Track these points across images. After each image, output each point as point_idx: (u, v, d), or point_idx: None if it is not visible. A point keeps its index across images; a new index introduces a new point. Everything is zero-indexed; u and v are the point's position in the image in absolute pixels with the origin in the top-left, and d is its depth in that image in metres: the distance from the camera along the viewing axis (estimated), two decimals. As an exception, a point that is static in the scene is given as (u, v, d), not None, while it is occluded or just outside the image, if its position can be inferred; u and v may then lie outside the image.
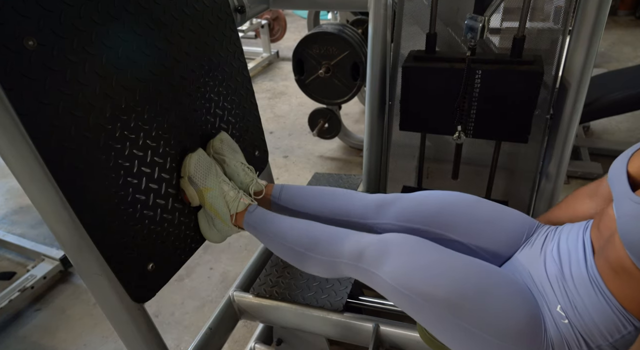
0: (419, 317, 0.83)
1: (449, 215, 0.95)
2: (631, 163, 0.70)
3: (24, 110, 0.68)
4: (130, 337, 0.95)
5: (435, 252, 0.84)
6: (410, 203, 0.98)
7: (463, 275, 0.80)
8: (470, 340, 0.77)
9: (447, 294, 0.77)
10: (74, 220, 0.77)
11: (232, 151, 1.11)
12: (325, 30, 1.91)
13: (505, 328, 0.75)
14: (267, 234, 0.99)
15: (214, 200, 1.01)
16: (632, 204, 0.64)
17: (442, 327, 0.80)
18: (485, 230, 0.92)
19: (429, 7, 1.35)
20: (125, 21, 0.85)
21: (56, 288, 1.88)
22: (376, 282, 0.85)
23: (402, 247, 0.85)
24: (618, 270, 0.67)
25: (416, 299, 0.79)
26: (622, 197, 0.66)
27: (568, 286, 0.74)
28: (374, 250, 0.86)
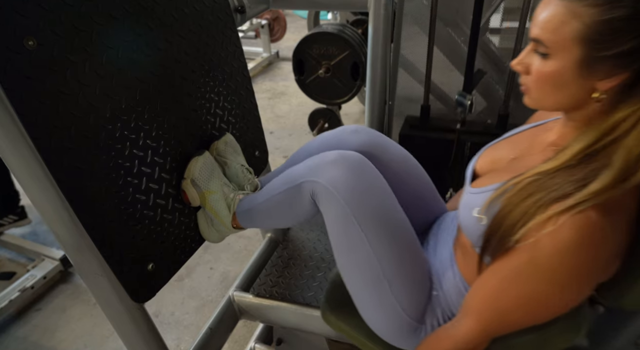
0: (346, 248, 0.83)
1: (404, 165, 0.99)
2: (478, 160, 0.86)
3: (24, 110, 0.68)
4: (130, 337, 0.95)
5: (390, 196, 0.85)
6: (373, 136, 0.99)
7: (404, 227, 0.85)
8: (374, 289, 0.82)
9: (387, 235, 0.81)
10: (74, 220, 0.77)
11: (234, 153, 1.11)
12: (325, 30, 1.91)
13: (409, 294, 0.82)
14: (254, 208, 0.98)
15: (215, 203, 1.01)
16: (466, 194, 0.78)
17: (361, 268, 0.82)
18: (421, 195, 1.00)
19: (429, 7, 1.35)
20: (125, 21, 0.85)
21: (56, 288, 1.88)
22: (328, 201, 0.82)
23: (363, 171, 0.83)
24: (464, 249, 0.80)
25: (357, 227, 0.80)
26: (465, 188, 0.81)
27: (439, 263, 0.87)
28: (335, 165, 0.83)
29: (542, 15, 0.60)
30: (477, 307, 0.70)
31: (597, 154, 0.60)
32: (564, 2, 0.57)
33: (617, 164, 0.57)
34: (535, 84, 0.65)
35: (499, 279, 0.66)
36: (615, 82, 0.58)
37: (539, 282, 0.62)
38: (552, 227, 0.58)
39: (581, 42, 0.57)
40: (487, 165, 0.84)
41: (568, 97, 0.63)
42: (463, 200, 0.78)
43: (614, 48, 0.55)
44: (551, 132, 0.73)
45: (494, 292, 0.67)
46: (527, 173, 0.64)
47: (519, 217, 0.62)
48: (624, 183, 0.57)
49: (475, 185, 0.78)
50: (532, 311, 0.66)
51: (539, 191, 0.61)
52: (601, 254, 0.60)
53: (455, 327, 0.74)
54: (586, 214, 0.57)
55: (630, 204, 0.62)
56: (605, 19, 0.54)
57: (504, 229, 0.63)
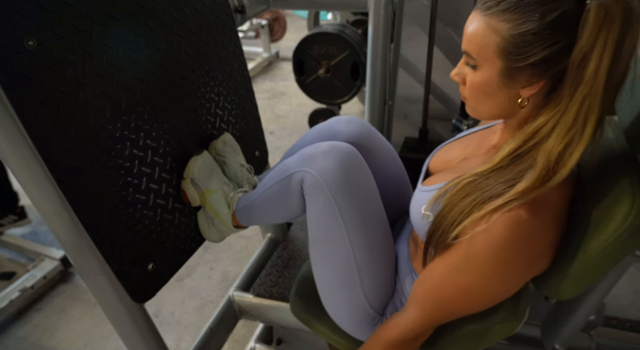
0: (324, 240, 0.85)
1: (389, 158, 1.02)
2: (432, 159, 0.91)
3: (24, 110, 0.68)
4: (130, 337, 0.95)
5: (375, 190, 0.87)
6: (365, 127, 1.01)
7: (383, 222, 0.87)
8: (343, 281, 0.85)
9: (366, 230, 0.83)
10: (74, 220, 0.77)
11: (233, 153, 1.11)
12: (325, 31, 1.91)
13: (377, 289, 0.86)
14: (252, 203, 0.98)
15: (215, 202, 1.01)
16: (416, 192, 0.83)
17: (336, 260, 0.84)
18: (397, 192, 1.03)
19: (429, 7, 1.35)
20: (125, 21, 0.85)
21: (56, 288, 1.88)
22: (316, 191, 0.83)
23: (354, 164, 0.84)
24: (415, 243, 0.86)
25: (339, 219, 0.82)
26: (417, 186, 0.86)
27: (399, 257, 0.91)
28: (325, 156, 0.83)
29: (469, 29, 0.65)
30: (421, 297, 0.76)
31: (524, 156, 0.65)
32: (484, 18, 0.62)
33: (539, 165, 0.62)
34: (469, 93, 0.69)
35: (440, 272, 0.72)
36: (535, 89, 0.63)
37: (473, 275, 0.67)
38: (485, 224, 0.63)
39: (501, 54, 0.62)
40: (439, 164, 0.88)
41: (498, 104, 0.67)
42: (414, 197, 0.83)
43: (529, 58, 0.60)
44: (495, 135, 0.78)
45: (434, 283, 0.73)
46: (466, 174, 0.69)
47: (457, 215, 0.67)
48: (547, 182, 0.62)
49: (425, 183, 0.82)
50: (469, 301, 0.72)
51: (475, 191, 0.66)
52: (531, 249, 0.65)
53: (401, 315, 0.79)
54: (517, 212, 0.62)
55: (558, 204, 0.66)
56: (518, 32, 0.59)
57: (444, 226, 0.69)
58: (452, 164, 0.85)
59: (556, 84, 0.61)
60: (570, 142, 0.61)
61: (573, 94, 0.59)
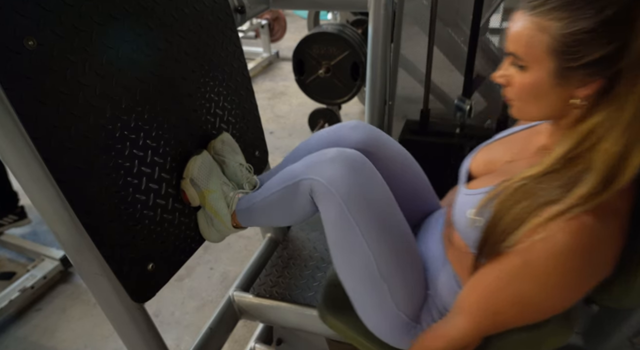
0: (343, 248, 0.83)
1: (401, 162, 1.00)
2: (472, 160, 0.87)
3: (24, 110, 0.68)
4: (130, 337, 0.95)
5: (388, 194, 0.85)
6: (372, 132, 0.99)
7: (400, 226, 0.84)
8: (371, 288, 0.82)
9: (384, 234, 0.81)
10: (74, 220, 0.77)
11: (233, 152, 1.11)
12: (325, 30, 1.91)
13: (407, 293, 0.83)
14: (253, 206, 0.98)
15: (215, 202, 1.01)
16: (460, 195, 0.80)
17: (358, 267, 0.82)
18: (417, 192, 1.02)
19: (429, 7, 1.35)
20: (125, 21, 0.85)
21: (56, 288, 1.88)
22: (326, 199, 0.82)
23: (362, 169, 0.83)
24: (455, 246, 0.82)
25: (354, 226, 0.80)
26: (459, 188, 0.83)
27: (430, 260, 0.87)
28: (333, 163, 0.82)
29: (513, 30, 0.62)
30: (470, 306, 0.71)
31: (579, 158, 0.61)
32: (531, 17, 0.59)
33: (598, 167, 0.58)
34: (517, 95, 0.66)
35: (493, 280, 0.68)
36: (591, 90, 0.60)
37: (532, 285, 0.63)
38: (544, 232, 0.59)
39: (552, 54, 0.59)
40: (482, 166, 0.85)
41: (549, 106, 0.65)
42: (458, 200, 0.79)
43: (583, 58, 0.57)
44: (541, 135, 0.74)
45: (487, 292, 0.69)
46: (516, 177, 0.65)
47: (511, 222, 0.63)
48: (610, 186, 0.58)
49: (470, 186, 0.79)
50: (525, 312, 0.67)
51: (528, 196, 0.62)
52: (595, 258, 0.61)
53: (447, 325, 0.75)
54: (580, 219, 0.58)
55: (623, 209, 0.62)
56: (570, 31, 0.56)
57: (497, 233, 0.65)
58: (495, 166, 0.81)
59: (613, 82, 0.58)
60: (630, 143, 0.57)
61: (630, 92, 0.56)
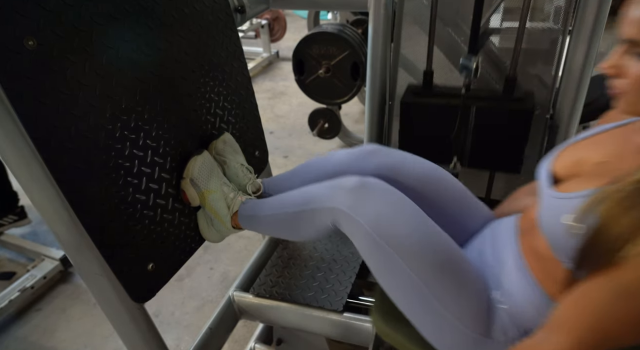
0: (384, 272, 0.81)
1: (429, 181, 0.96)
2: (556, 161, 0.79)
3: (24, 110, 0.68)
4: (130, 337, 0.95)
5: (418, 213, 0.83)
6: (392, 157, 0.98)
7: (440, 241, 0.81)
8: (426, 309, 0.79)
9: (422, 253, 0.78)
10: (74, 220, 0.77)
11: (234, 152, 1.11)
12: (325, 30, 1.91)
13: (460, 305, 0.77)
14: (259, 214, 0.98)
15: (215, 202, 1.01)
16: (548, 198, 0.72)
17: (405, 289, 0.79)
18: (455, 214, 0.96)
19: (429, 7, 1.35)
20: (125, 21, 0.85)
21: (56, 288, 1.88)
22: (353, 228, 0.82)
23: (385, 195, 0.82)
24: (539, 257, 0.74)
25: (389, 250, 0.78)
26: (543, 192, 0.75)
27: (502, 271, 0.80)
28: (356, 192, 0.82)
29: (638, 14, 0.56)
30: (572, 323, 0.63)
31: None
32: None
33: None
34: (633, 87, 0.61)
35: (602, 296, 0.60)
36: None
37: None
38: None
39: None
40: (570, 167, 0.76)
41: None
42: (545, 205, 0.72)
43: None
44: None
45: (594, 309, 0.61)
46: (627, 180, 0.58)
47: (625, 230, 0.56)
48: None
49: (562, 189, 0.71)
50: None
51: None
52: None
53: (542, 344, 0.66)
54: None
55: None
56: None
57: (607, 243, 0.58)
58: (587, 168, 0.73)
59: None
60: None
61: None
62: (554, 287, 0.71)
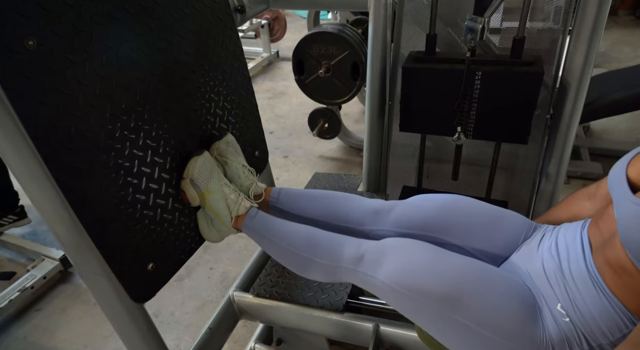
0: (417, 316, 0.83)
1: (447, 218, 0.96)
2: (630, 167, 0.72)
3: (24, 110, 0.68)
4: (130, 337, 0.95)
5: (432, 252, 0.85)
6: (407, 209, 0.99)
7: (461, 272, 0.81)
8: (468, 337, 0.77)
9: (445, 289, 0.78)
10: (74, 220, 0.77)
11: (235, 153, 1.11)
12: (325, 30, 1.91)
13: (504, 325, 0.75)
14: (268, 238, 0.99)
15: (215, 203, 1.01)
16: (632, 206, 0.65)
17: (440, 325, 0.80)
18: (482, 233, 0.93)
19: (429, 7, 1.35)
20: (125, 21, 0.85)
21: (56, 288, 1.88)
22: (374, 286, 0.86)
23: (400, 249, 0.86)
24: (618, 269, 0.68)
25: (414, 297, 0.80)
26: (623, 200, 0.68)
27: (568, 284, 0.75)
28: (373, 254, 0.87)
29: None
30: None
31: None
32: None
33: None
34: None
35: None
36: None
37: None
38: None
39: None
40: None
41: None
42: (628, 213, 0.66)
43: None
44: None
45: None
46: None
47: None
48: None
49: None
50: None
51: None
52: None
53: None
54: None
55: None
56: None
57: None
58: None
59: None
60: None
61: None
62: (636, 300, 0.67)
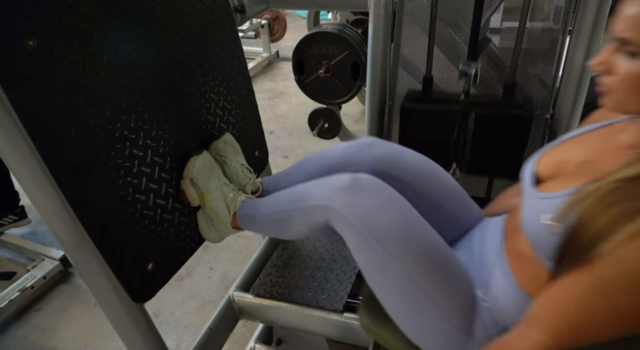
0: (373, 269, 0.82)
1: (425, 177, 0.96)
2: (539, 162, 0.80)
3: (24, 110, 0.68)
4: (130, 337, 0.95)
5: (409, 211, 0.83)
6: (389, 148, 0.98)
7: (429, 239, 0.82)
8: (412, 307, 0.79)
9: (411, 251, 0.79)
10: (74, 220, 0.77)
11: (234, 153, 1.11)
12: (325, 30, 1.91)
13: (450, 305, 0.79)
14: (257, 216, 0.98)
15: (214, 202, 1.01)
16: (531, 199, 0.73)
17: (392, 286, 0.80)
18: (447, 205, 0.96)
19: (429, 7, 1.35)
20: (125, 21, 0.85)
21: (56, 288, 1.88)
22: (344, 225, 0.82)
23: (376, 193, 0.82)
24: (521, 257, 0.75)
25: (378, 248, 0.78)
26: (526, 193, 0.76)
27: (486, 270, 0.82)
28: (348, 190, 0.82)
29: (630, 12, 0.56)
30: (549, 319, 0.64)
31: None
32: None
33: None
34: (621, 85, 0.61)
35: (579, 292, 0.61)
36: None
37: (628, 297, 0.57)
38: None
39: None
40: (553, 167, 0.77)
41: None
42: (528, 205, 0.73)
43: None
44: (626, 133, 0.68)
45: (571, 305, 0.62)
46: (607, 179, 0.58)
47: (602, 228, 0.57)
48: None
49: (543, 189, 0.72)
50: (615, 326, 0.60)
51: (623, 200, 0.56)
52: None
53: (520, 340, 0.68)
54: None
55: None
56: None
57: (584, 240, 0.59)
58: (569, 168, 0.74)
59: None
60: None
61: None
62: (534, 287, 0.72)
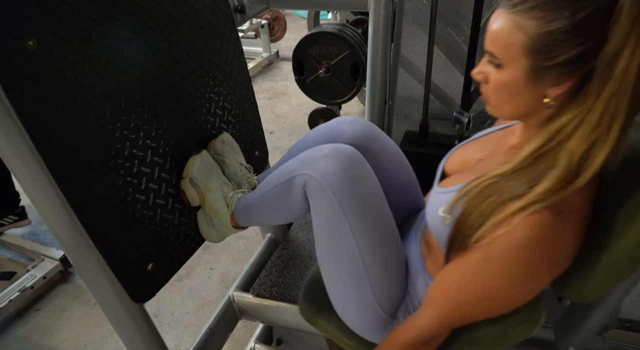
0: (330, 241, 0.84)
1: (394, 163, 1.01)
2: (447, 160, 0.88)
3: (24, 110, 0.68)
4: (130, 337, 0.95)
5: (379, 190, 0.86)
6: (371, 128, 1.01)
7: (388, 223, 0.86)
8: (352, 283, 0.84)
9: (372, 229, 0.82)
10: (74, 220, 0.77)
11: (233, 152, 1.11)
12: (325, 30, 1.91)
13: (389, 290, 0.85)
14: (251, 204, 0.98)
15: (214, 202, 1.01)
16: (433, 193, 0.82)
17: (342, 262, 0.84)
18: (405, 194, 1.03)
19: (429, 7, 1.35)
20: (125, 21, 0.85)
21: (56, 288, 1.88)
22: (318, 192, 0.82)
23: (354, 164, 0.83)
24: (429, 246, 0.85)
25: (344, 220, 0.81)
26: (433, 187, 0.84)
27: (410, 260, 0.90)
28: (327, 158, 0.83)
29: (493, 27, 0.63)
30: (437, 298, 0.74)
31: (545, 156, 0.63)
32: (510, 16, 0.60)
33: (561, 165, 0.60)
34: (493, 92, 0.67)
35: (458, 275, 0.70)
36: (563, 89, 0.61)
37: (494, 278, 0.66)
38: (506, 227, 0.62)
39: (528, 53, 0.60)
40: (456, 165, 0.86)
41: (522, 104, 0.66)
42: (430, 199, 0.81)
43: (558, 57, 0.58)
44: (514, 135, 0.76)
45: (453, 286, 0.72)
46: (486, 175, 0.67)
47: (477, 218, 0.65)
48: (570, 184, 0.60)
49: (443, 184, 0.81)
50: (488, 304, 0.70)
51: (495, 193, 0.64)
52: (554, 252, 0.63)
53: (417, 317, 0.78)
54: (540, 214, 0.60)
55: (582, 205, 0.64)
56: (547, 31, 0.57)
57: (465, 230, 0.67)
58: (468, 165, 0.83)
59: (584, 82, 0.59)
60: (595, 143, 0.59)
61: (600, 92, 0.57)
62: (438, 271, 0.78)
